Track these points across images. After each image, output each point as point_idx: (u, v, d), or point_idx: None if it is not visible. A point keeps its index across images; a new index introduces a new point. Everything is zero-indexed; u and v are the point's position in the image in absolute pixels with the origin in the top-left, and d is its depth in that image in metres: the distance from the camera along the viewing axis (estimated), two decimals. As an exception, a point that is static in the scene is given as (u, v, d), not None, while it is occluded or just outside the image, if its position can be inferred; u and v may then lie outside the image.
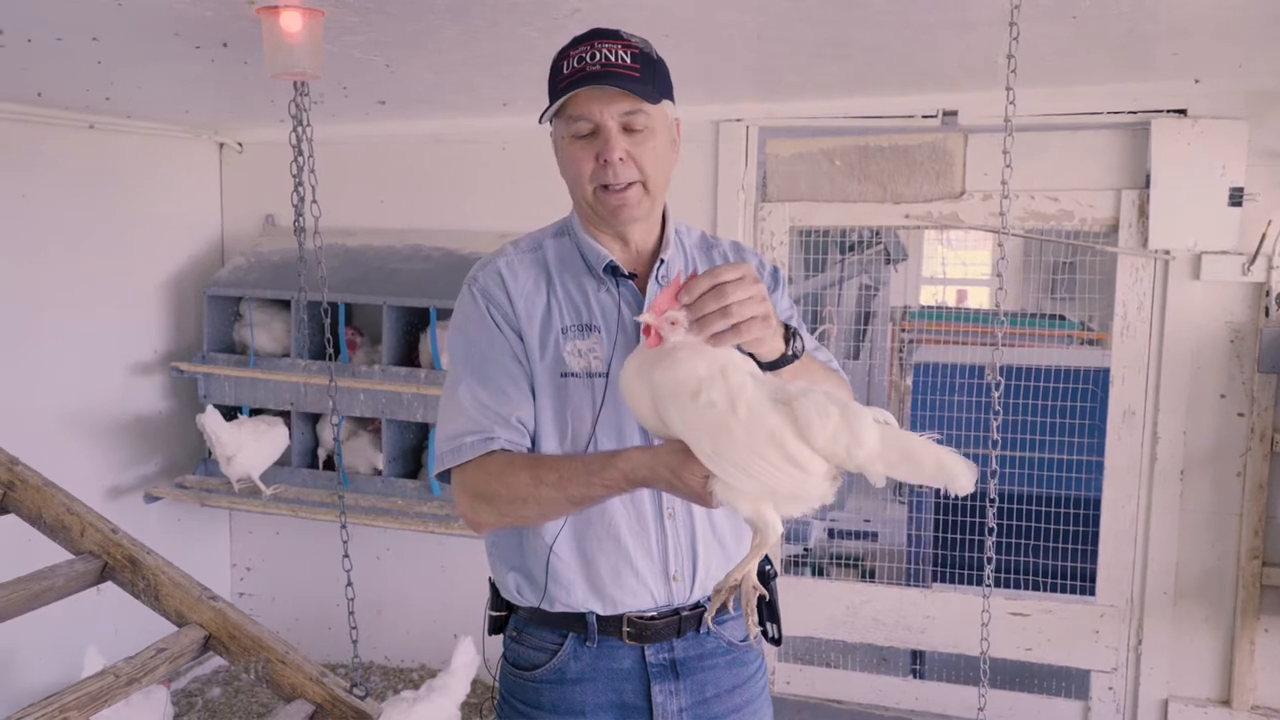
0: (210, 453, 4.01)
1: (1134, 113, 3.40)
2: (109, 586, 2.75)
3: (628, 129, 1.67)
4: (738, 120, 3.78)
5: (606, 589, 1.77)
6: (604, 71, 1.64)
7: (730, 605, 1.55)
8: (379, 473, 4.00)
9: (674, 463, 1.48)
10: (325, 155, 3.00)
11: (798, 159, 3.77)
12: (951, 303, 7.20)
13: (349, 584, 3.02)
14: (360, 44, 2.56)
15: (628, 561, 1.76)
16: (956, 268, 7.25)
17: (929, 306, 6.37)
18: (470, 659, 3.55)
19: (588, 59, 1.65)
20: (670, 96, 1.75)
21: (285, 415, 4.07)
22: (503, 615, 1.92)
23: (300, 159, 2.75)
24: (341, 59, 2.70)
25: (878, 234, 5.07)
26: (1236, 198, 3.26)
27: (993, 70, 2.98)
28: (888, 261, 5.64)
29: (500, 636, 1.94)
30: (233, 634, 2.64)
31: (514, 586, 1.84)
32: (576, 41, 1.70)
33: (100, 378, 4.01)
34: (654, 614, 1.79)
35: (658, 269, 1.79)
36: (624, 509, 1.75)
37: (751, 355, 1.59)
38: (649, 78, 1.68)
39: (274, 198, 4.23)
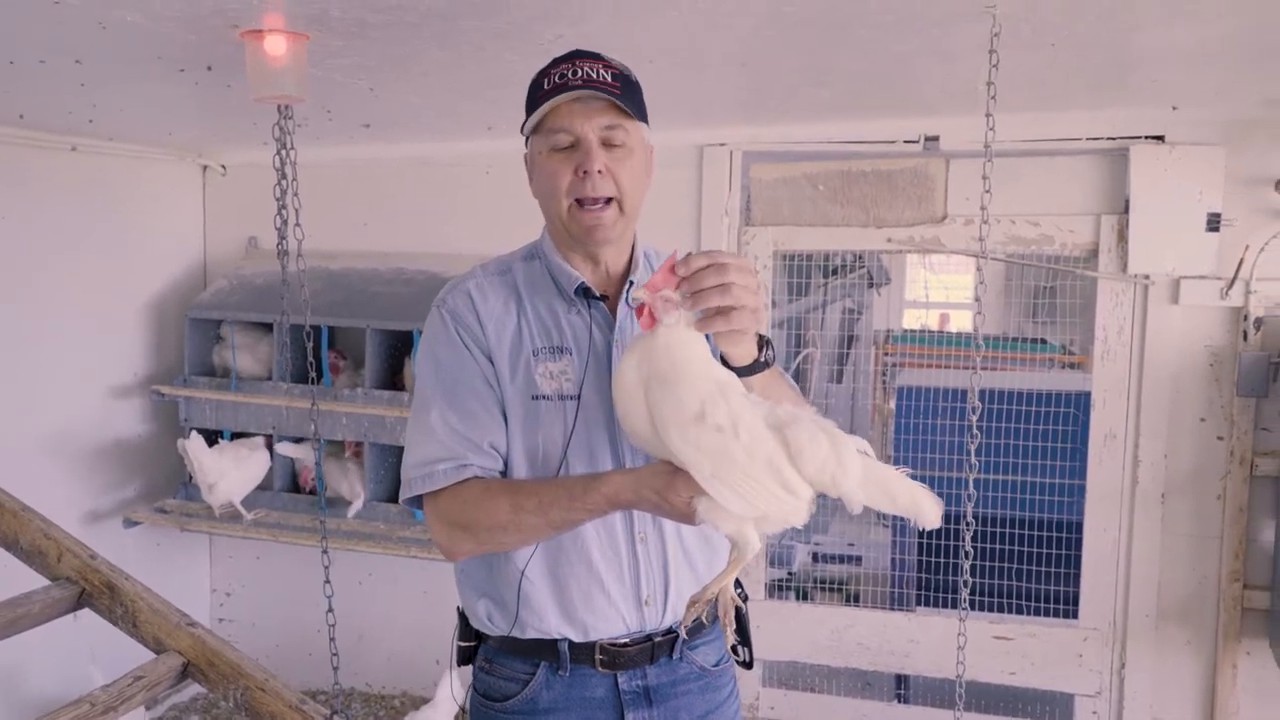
0: (191, 477, 3.98)
1: (1113, 139, 3.43)
2: (86, 613, 2.72)
3: (607, 144, 1.67)
4: (722, 144, 3.80)
5: (578, 613, 1.75)
6: (585, 85, 1.64)
7: (706, 618, 1.55)
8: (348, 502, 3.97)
9: (659, 484, 1.48)
10: (308, 178, 2.99)
11: (781, 183, 3.78)
12: (934, 326, 7.23)
13: (330, 610, 3.00)
14: (344, 68, 2.56)
15: (599, 585, 1.75)
16: (939, 291, 7.28)
17: (912, 330, 6.40)
18: (454, 690, 3.52)
19: (569, 75, 1.66)
20: (646, 120, 1.75)
21: (267, 438, 4.04)
22: (471, 645, 1.90)
23: (284, 182, 2.74)
24: (325, 82, 2.71)
25: (860, 258, 5.10)
26: (1214, 223, 3.29)
27: (973, 96, 3.00)
28: (870, 285, 5.67)
29: (469, 667, 1.93)
30: (211, 661, 2.61)
31: (484, 614, 1.82)
32: (557, 61, 1.71)
33: (80, 400, 3.98)
34: (626, 640, 1.78)
35: (628, 291, 1.79)
36: (596, 533, 1.73)
37: (722, 359, 1.58)
38: (629, 96, 1.68)
39: (257, 220, 4.21)
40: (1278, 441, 3.36)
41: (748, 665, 1.86)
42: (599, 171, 1.65)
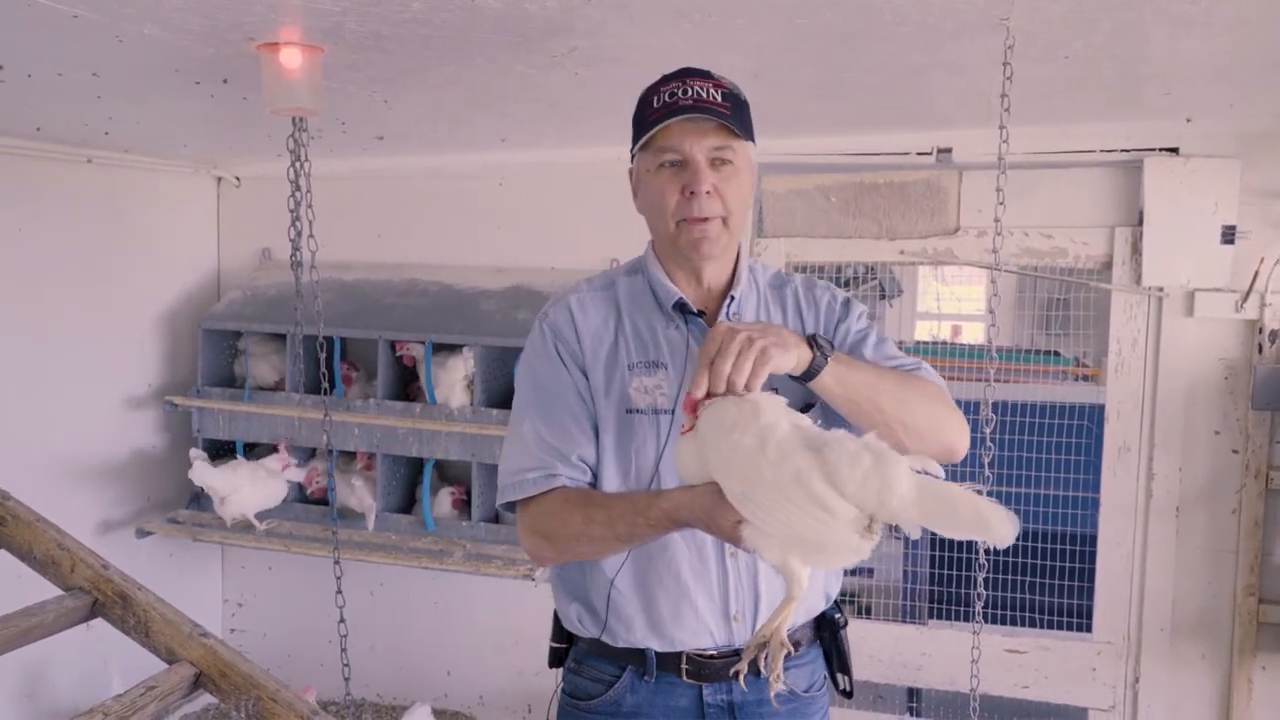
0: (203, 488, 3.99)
1: (1127, 151, 3.42)
2: (98, 623, 2.73)
3: (715, 164, 1.69)
4: (734, 157, 3.79)
5: (666, 627, 1.77)
6: (695, 105, 1.66)
7: (761, 662, 1.54)
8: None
9: (708, 504, 1.48)
10: (322, 189, 3.01)
11: (794, 195, 3.78)
12: (946, 338, 7.21)
13: (342, 620, 3.00)
14: (359, 80, 2.58)
15: (688, 599, 1.76)
16: (951, 303, 7.27)
17: (924, 341, 6.38)
18: None
19: (680, 94, 1.68)
20: (753, 139, 1.77)
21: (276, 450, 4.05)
22: (563, 647, 1.93)
23: (298, 194, 2.76)
24: (340, 95, 2.72)
25: (873, 269, 5.09)
26: (1229, 236, 3.28)
27: (987, 109, 3.01)
28: (883, 297, 5.67)
29: (550, 671, 1.97)
30: (223, 671, 2.60)
31: (575, 617, 1.85)
32: (667, 78, 1.73)
33: (94, 411, 4.00)
34: (713, 652, 1.78)
35: (728, 306, 1.80)
36: (685, 546, 1.75)
37: (790, 374, 1.58)
38: (738, 117, 1.70)
39: (271, 232, 4.23)
40: (1293, 455, 3.35)
41: (847, 694, 1.85)
42: (707, 192, 1.68)
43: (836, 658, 1.86)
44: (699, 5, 1.96)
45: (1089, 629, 3.64)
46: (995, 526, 1.37)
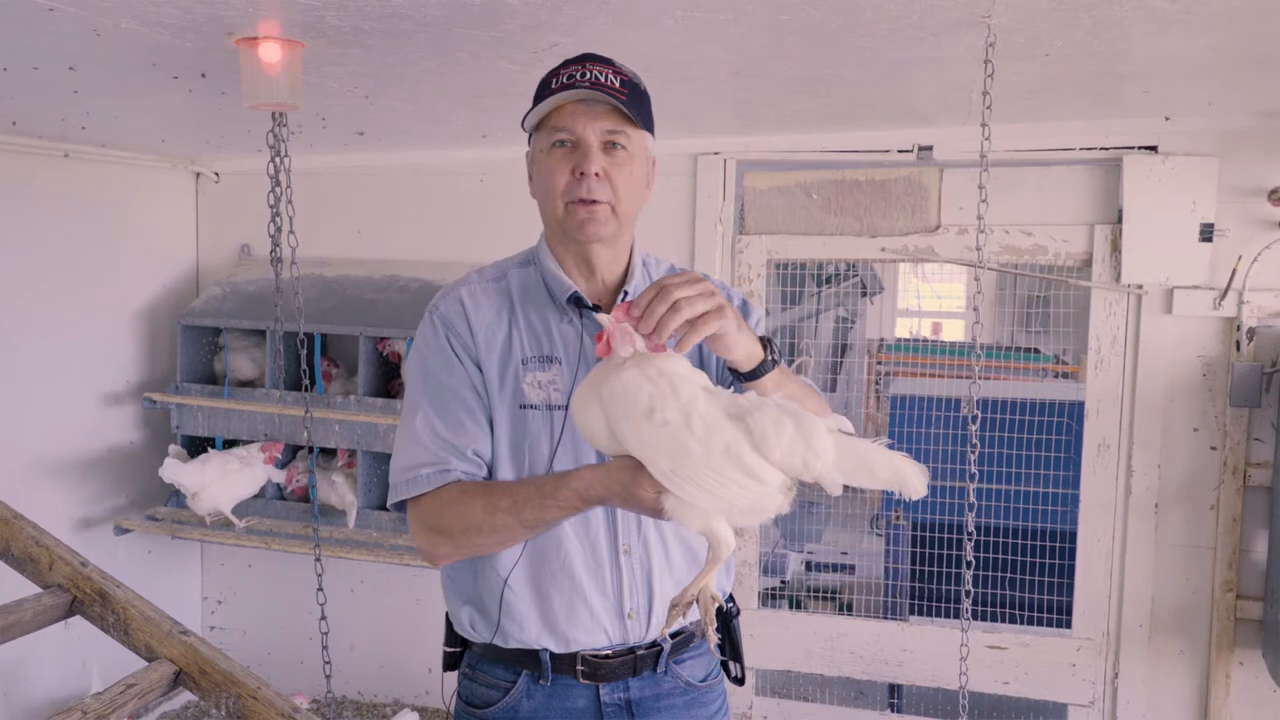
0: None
1: (1106, 149, 3.44)
2: (77, 620, 2.71)
3: (607, 148, 1.66)
4: (715, 153, 3.80)
5: (560, 625, 1.75)
6: (592, 87, 1.64)
7: (691, 626, 1.51)
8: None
9: (625, 479, 1.46)
10: (302, 185, 3.00)
11: (775, 192, 3.79)
12: (927, 335, 7.24)
13: (323, 618, 2.99)
14: (339, 75, 2.56)
15: (582, 598, 1.74)
16: (931, 300, 7.30)
17: (904, 339, 6.41)
18: None
19: (578, 76, 1.66)
20: (651, 131, 1.75)
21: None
22: (457, 651, 1.90)
23: (278, 189, 2.74)
24: (320, 90, 2.70)
25: (854, 267, 5.11)
26: (1207, 233, 3.30)
27: (967, 106, 3.02)
28: (864, 294, 5.69)
29: (454, 672, 1.93)
30: (203, 669, 2.58)
31: (467, 621, 1.82)
32: (568, 62, 1.71)
33: (72, 408, 3.97)
34: (609, 652, 1.77)
35: (622, 300, 1.77)
36: (579, 544, 1.73)
37: (734, 372, 1.57)
38: (635, 104, 1.68)
39: (250, 228, 4.22)
40: (1270, 452, 3.37)
41: (739, 681, 1.85)
42: (596, 174, 1.65)
43: (729, 646, 1.85)
44: (680, 1, 1.96)
45: (1069, 625, 3.66)
46: (910, 480, 1.42)
